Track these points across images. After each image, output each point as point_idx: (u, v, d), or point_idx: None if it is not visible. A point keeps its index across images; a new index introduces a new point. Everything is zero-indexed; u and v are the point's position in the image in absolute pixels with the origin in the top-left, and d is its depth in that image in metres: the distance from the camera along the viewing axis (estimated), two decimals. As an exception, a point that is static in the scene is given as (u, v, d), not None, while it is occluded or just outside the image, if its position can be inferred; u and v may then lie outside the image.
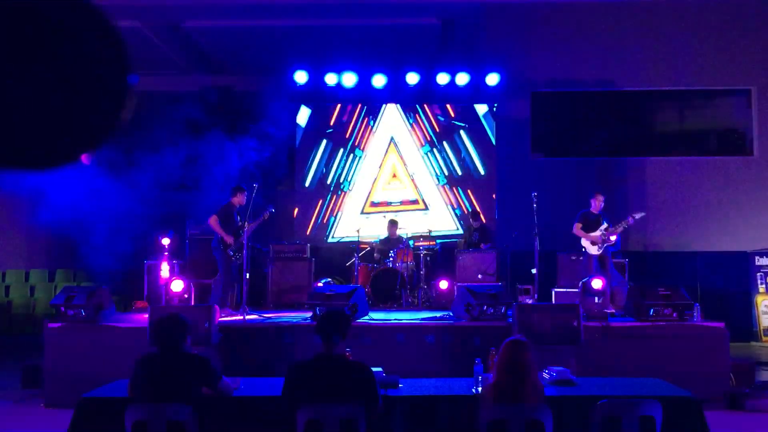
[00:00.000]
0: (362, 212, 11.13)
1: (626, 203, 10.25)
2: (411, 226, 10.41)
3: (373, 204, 11.21)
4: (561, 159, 11.08)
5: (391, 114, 11.29)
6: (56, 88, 0.96)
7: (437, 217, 11.10)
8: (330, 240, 11.02)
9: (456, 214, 11.04)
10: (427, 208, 11.12)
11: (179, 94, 11.64)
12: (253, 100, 11.20)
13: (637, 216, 7.64)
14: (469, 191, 11.10)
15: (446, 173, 11.16)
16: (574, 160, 11.00)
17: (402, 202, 11.18)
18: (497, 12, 10.73)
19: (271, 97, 10.77)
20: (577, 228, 7.86)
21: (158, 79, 11.42)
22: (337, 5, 10.21)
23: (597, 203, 7.87)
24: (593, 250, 7.77)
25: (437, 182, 11.17)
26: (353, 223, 10.77)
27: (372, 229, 10.31)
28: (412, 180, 11.18)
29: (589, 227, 7.81)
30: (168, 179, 10.38)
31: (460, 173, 11.11)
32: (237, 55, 11.32)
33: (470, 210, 10.27)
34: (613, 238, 7.70)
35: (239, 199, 7.57)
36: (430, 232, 10.04)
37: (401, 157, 11.18)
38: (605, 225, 7.74)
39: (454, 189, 11.14)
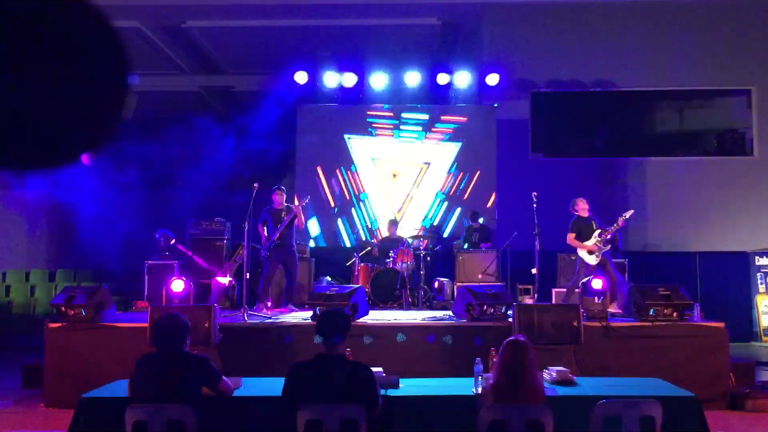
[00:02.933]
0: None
1: (626, 203, 10.24)
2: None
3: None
4: (561, 159, 11.08)
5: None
6: (56, 89, 0.96)
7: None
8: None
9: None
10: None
11: (179, 94, 11.63)
12: (253, 100, 11.20)
13: (627, 215, 7.39)
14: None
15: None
16: (574, 160, 11.00)
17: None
18: (497, 12, 10.72)
19: (271, 97, 10.78)
20: (571, 239, 7.54)
21: (158, 79, 11.40)
22: (337, 5, 10.21)
23: (583, 206, 7.60)
24: (592, 260, 7.39)
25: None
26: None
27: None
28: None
29: (583, 233, 7.52)
30: (168, 179, 10.40)
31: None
32: (237, 55, 11.32)
33: (471, 211, 10.21)
34: (608, 246, 7.43)
35: (276, 198, 7.74)
36: None
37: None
38: (598, 230, 7.43)
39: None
